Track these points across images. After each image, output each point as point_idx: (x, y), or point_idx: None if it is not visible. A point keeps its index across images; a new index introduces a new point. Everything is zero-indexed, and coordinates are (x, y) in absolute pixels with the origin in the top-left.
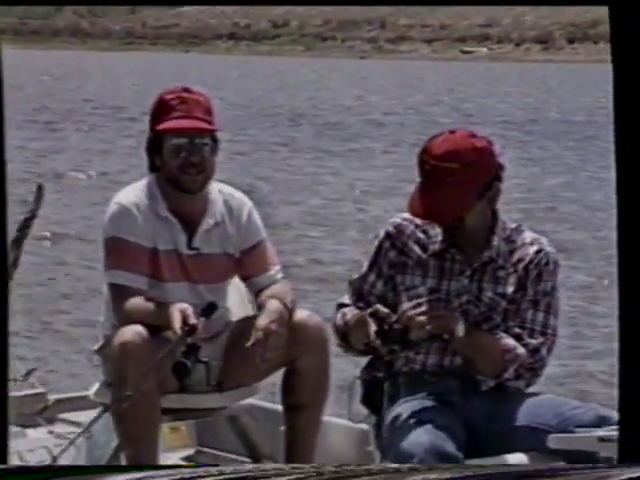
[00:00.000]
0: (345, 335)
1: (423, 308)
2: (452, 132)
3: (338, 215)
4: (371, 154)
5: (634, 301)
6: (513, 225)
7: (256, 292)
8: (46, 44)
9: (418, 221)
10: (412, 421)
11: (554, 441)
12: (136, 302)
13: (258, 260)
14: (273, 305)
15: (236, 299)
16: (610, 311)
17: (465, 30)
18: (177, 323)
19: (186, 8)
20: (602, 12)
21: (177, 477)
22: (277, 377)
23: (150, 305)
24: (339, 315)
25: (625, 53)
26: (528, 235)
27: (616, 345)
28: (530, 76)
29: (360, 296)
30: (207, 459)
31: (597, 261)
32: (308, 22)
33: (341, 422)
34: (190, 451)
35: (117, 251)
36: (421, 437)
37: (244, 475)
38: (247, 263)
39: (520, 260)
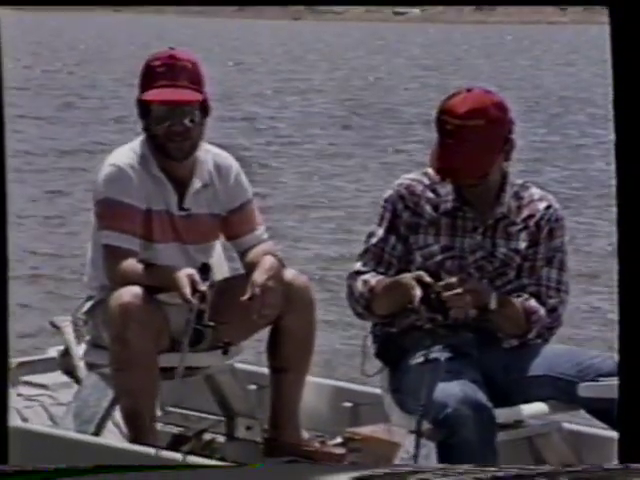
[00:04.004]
0: (369, 302)
1: (459, 284)
2: (469, 90)
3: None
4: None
5: (634, 300)
6: (519, 181)
7: (242, 251)
8: None
9: (426, 180)
10: (438, 373)
11: (585, 390)
12: (133, 264)
13: (245, 220)
14: (268, 262)
15: (214, 260)
16: None
17: None
18: (187, 289)
19: None
20: None
21: None
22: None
23: (149, 268)
24: (359, 283)
25: (625, 53)
26: (535, 191)
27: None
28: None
29: (380, 260)
30: (175, 419)
31: None
32: None
33: (312, 379)
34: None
35: (111, 212)
36: (453, 388)
37: None
38: (234, 223)
39: (530, 216)
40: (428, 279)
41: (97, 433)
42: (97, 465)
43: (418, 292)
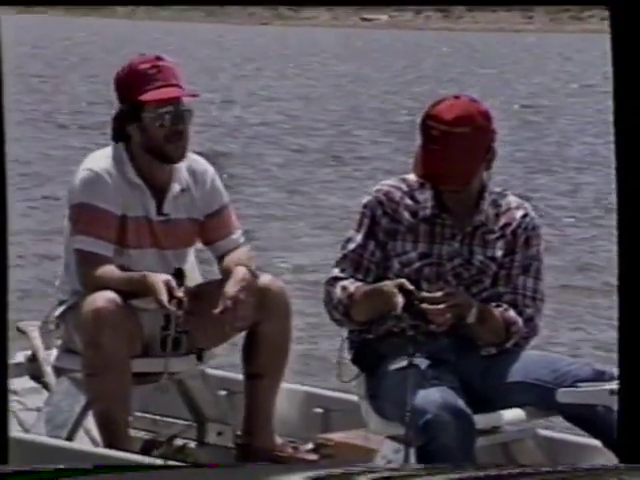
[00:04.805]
0: (347, 308)
1: (443, 299)
2: (456, 97)
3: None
4: None
5: (634, 304)
6: (497, 189)
7: (219, 256)
8: None
9: (404, 187)
10: (417, 379)
11: (563, 395)
12: (108, 269)
13: (222, 224)
14: (240, 273)
15: (187, 266)
16: None
17: None
18: (164, 296)
19: None
20: None
21: None
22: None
23: (125, 273)
24: (337, 289)
25: (625, 53)
26: (513, 199)
27: None
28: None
29: (359, 266)
30: (144, 424)
31: None
32: None
33: (283, 385)
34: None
35: (86, 217)
36: (433, 394)
37: None
38: (211, 227)
39: (507, 224)
40: (410, 287)
41: (70, 439)
42: (97, 465)
43: (400, 300)
